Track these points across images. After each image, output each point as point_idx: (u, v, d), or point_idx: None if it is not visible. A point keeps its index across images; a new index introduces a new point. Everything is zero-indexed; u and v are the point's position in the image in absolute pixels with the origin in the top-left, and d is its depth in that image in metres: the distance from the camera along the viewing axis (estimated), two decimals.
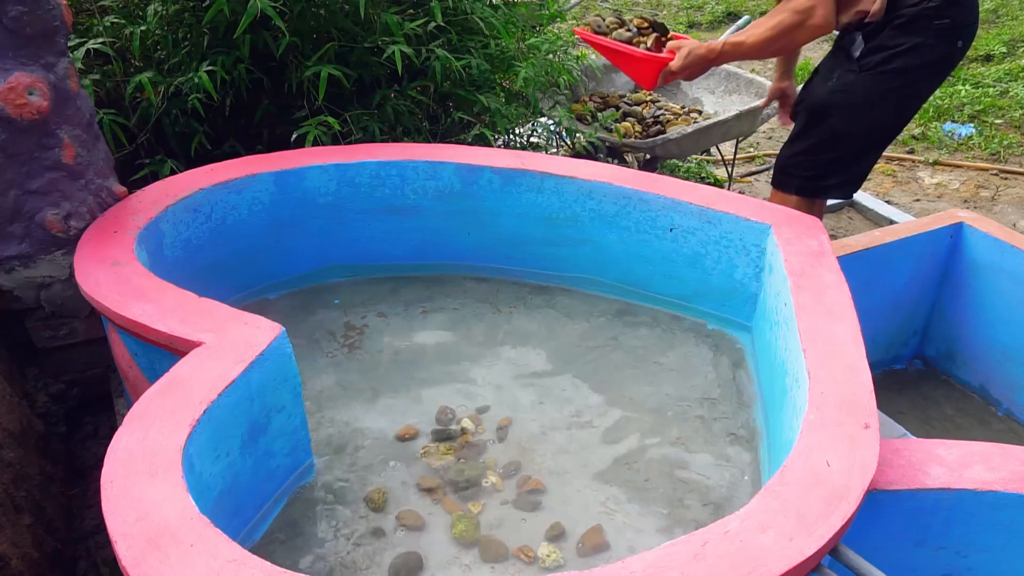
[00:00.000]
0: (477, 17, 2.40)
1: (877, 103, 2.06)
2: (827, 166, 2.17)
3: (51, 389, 1.91)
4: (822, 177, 2.19)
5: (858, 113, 2.08)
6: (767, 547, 1.04)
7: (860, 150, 2.16)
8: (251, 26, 2.05)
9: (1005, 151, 4.03)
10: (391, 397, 1.78)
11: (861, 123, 2.10)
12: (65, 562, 1.56)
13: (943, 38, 1.99)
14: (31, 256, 1.76)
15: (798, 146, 2.21)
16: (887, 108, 2.07)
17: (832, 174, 2.18)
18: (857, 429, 1.22)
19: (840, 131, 2.11)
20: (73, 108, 1.71)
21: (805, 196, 2.23)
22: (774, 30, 2.02)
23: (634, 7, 6.64)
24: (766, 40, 2.04)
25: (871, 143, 2.16)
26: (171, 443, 1.17)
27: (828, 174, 2.18)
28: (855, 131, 2.11)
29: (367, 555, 1.40)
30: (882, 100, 2.06)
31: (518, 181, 2.03)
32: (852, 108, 2.08)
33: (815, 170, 2.19)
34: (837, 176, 2.18)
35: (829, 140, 2.14)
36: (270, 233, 2.03)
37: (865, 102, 2.06)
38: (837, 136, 2.12)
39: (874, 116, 2.08)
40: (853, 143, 2.13)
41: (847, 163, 2.17)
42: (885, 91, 2.04)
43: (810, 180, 2.20)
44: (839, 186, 2.21)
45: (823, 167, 2.18)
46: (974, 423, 2.15)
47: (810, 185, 2.21)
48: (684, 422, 1.72)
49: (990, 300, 2.14)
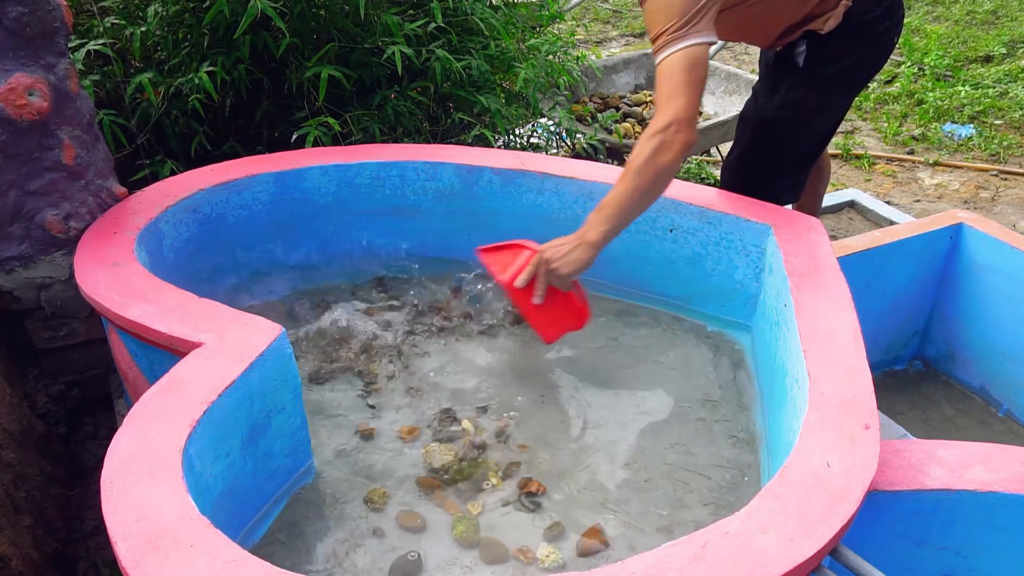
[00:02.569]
0: (477, 18, 2.41)
1: (826, 110, 2.03)
2: (778, 177, 2.11)
3: (51, 390, 1.91)
4: (771, 189, 2.07)
5: (807, 125, 2.03)
6: (767, 548, 1.04)
7: (807, 154, 2.12)
8: (251, 27, 2.05)
9: (1005, 152, 4.03)
10: (391, 397, 1.78)
11: (811, 133, 2.05)
12: (65, 563, 1.56)
13: (886, 40, 1.97)
14: (31, 257, 1.76)
15: (745, 162, 2.11)
16: (836, 112, 2.06)
17: (782, 184, 2.12)
18: (857, 430, 1.22)
19: (788, 145, 2.05)
20: (73, 109, 1.71)
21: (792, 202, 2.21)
22: (649, 163, 1.59)
23: (634, 7, 6.64)
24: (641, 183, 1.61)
25: (817, 145, 2.13)
26: (171, 444, 1.17)
27: (778, 185, 2.11)
28: (804, 142, 2.06)
29: (367, 556, 1.40)
30: (833, 106, 2.03)
31: (518, 182, 2.03)
32: (800, 123, 2.02)
33: (766, 184, 2.07)
34: (786, 182, 2.13)
35: (777, 154, 2.07)
36: (270, 234, 2.03)
37: (814, 114, 2.01)
38: (784, 149, 2.06)
39: (821, 122, 2.05)
40: (801, 151, 2.09)
41: (796, 170, 2.13)
42: (837, 99, 2.02)
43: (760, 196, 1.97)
44: (789, 190, 2.17)
45: (773, 179, 2.10)
46: (974, 424, 2.15)
47: (797, 193, 2.19)
48: (684, 423, 1.72)
49: (990, 301, 2.14)
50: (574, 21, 5.95)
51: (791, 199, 2.22)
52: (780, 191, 2.12)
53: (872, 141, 4.21)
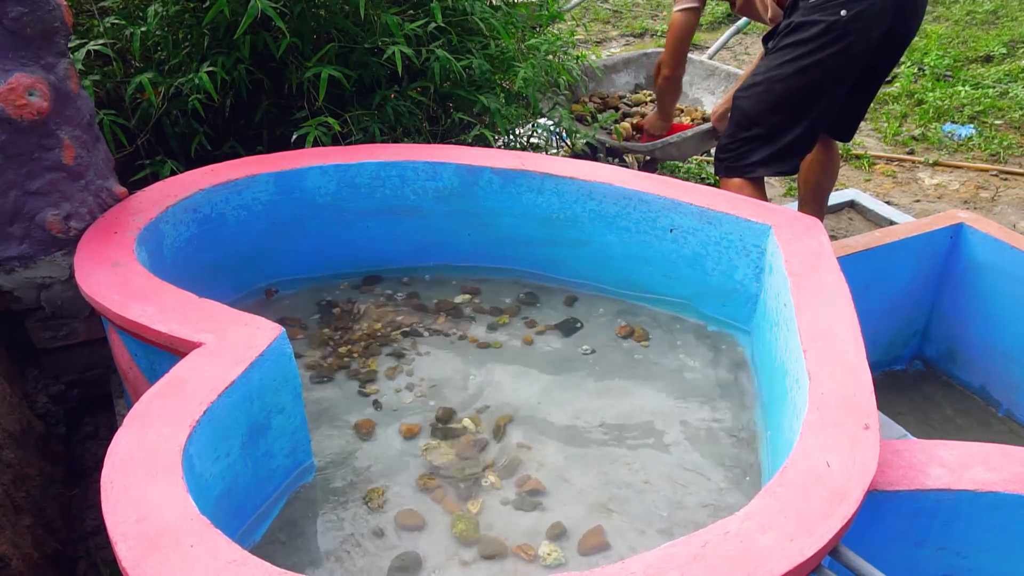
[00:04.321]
0: (477, 18, 2.41)
1: (774, 78, 2.23)
2: (746, 143, 2.33)
3: (51, 390, 1.91)
4: (744, 156, 2.33)
5: (759, 90, 2.26)
6: (767, 548, 1.04)
7: (776, 125, 2.28)
8: (251, 27, 2.05)
9: (1005, 152, 4.03)
10: (391, 396, 1.78)
11: (766, 98, 2.26)
12: (65, 563, 1.56)
13: (822, 11, 2.13)
14: (31, 257, 1.76)
15: (724, 133, 2.41)
16: (788, 81, 2.21)
17: (753, 152, 2.32)
18: (857, 430, 1.22)
19: (749, 110, 2.29)
20: (73, 109, 1.71)
21: (734, 176, 2.36)
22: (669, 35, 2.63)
23: (634, 7, 6.64)
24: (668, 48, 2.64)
25: (786, 117, 2.27)
26: (171, 444, 1.17)
27: (749, 152, 2.32)
28: (762, 107, 2.27)
29: (367, 555, 1.40)
30: (779, 74, 2.22)
31: (518, 182, 2.03)
32: (754, 87, 2.27)
33: (736, 151, 2.34)
34: (759, 153, 2.31)
35: (743, 121, 2.31)
36: (270, 234, 2.03)
37: (764, 79, 2.25)
38: (748, 115, 2.30)
39: (776, 90, 2.23)
40: (765, 118, 2.28)
41: (765, 139, 2.30)
42: (780, 64, 2.22)
43: (734, 160, 2.36)
44: (764, 162, 2.32)
45: (743, 146, 2.33)
46: (974, 424, 2.15)
47: (736, 165, 2.35)
48: (684, 423, 1.72)
49: (990, 300, 2.14)
50: (574, 21, 5.95)
51: (772, 171, 2.35)
52: (751, 161, 2.33)
53: (872, 141, 4.21)
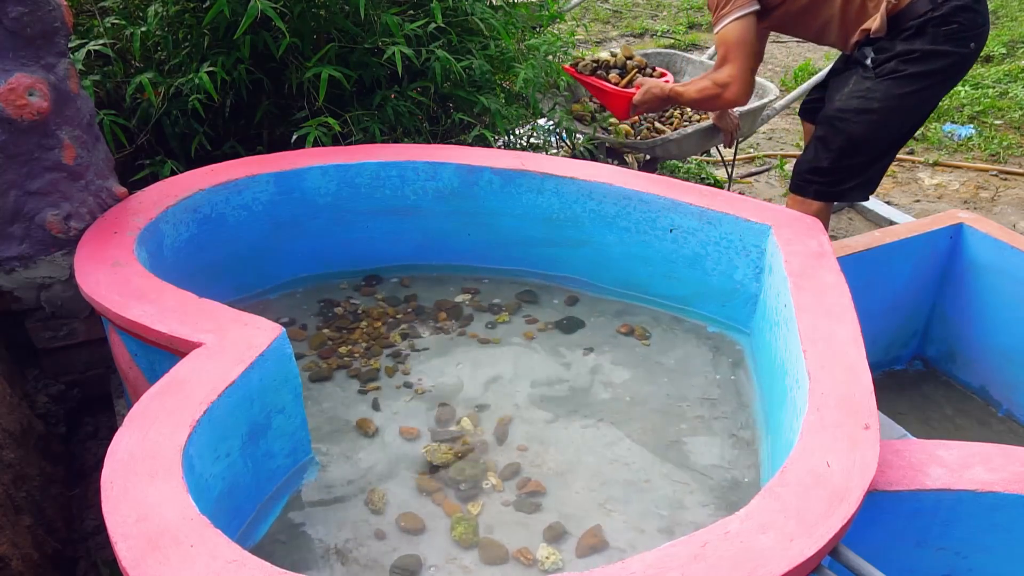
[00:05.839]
0: (477, 18, 2.41)
1: (895, 108, 2.10)
2: (846, 171, 2.22)
3: (51, 390, 1.91)
4: (841, 182, 2.24)
5: (876, 118, 2.12)
6: (767, 548, 1.04)
7: (878, 154, 2.21)
8: (251, 27, 2.05)
9: (1005, 152, 4.03)
10: (391, 397, 1.78)
11: (879, 128, 2.14)
12: (65, 563, 1.56)
13: (954, 42, 2.04)
14: (31, 257, 1.76)
15: (818, 153, 2.25)
16: (904, 112, 2.12)
17: (851, 178, 2.24)
18: (857, 430, 1.22)
19: (858, 137, 2.16)
20: (73, 109, 1.71)
21: (824, 200, 2.28)
22: (699, 94, 2.37)
23: (634, 7, 6.65)
24: (693, 100, 2.42)
25: (888, 147, 2.21)
26: (171, 444, 1.17)
27: (847, 178, 2.24)
28: (873, 136, 2.16)
29: (367, 557, 1.40)
30: (899, 105, 2.10)
31: (518, 182, 2.03)
32: (870, 113, 2.12)
33: (834, 175, 2.24)
34: (855, 179, 2.24)
35: (848, 146, 2.18)
36: (270, 234, 2.03)
37: (882, 107, 2.11)
38: (855, 142, 2.17)
39: (891, 121, 2.13)
40: (871, 148, 2.18)
41: (864, 167, 2.22)
42: (902, 95, 2.09)
43: (829, 185, 2.25)
44: (856, 189, 2.26)
45: (842, 172, 2.23)
46: (974, 424, 2.15)
47: (829, 191, 2.26)
48: (684, 423, 1.72)
49: (990, 301, 2.14)
50: (574, 21, 5.95)
51: (856, 197, 2.30)
52: (845, 188, 2.25)
53: None
